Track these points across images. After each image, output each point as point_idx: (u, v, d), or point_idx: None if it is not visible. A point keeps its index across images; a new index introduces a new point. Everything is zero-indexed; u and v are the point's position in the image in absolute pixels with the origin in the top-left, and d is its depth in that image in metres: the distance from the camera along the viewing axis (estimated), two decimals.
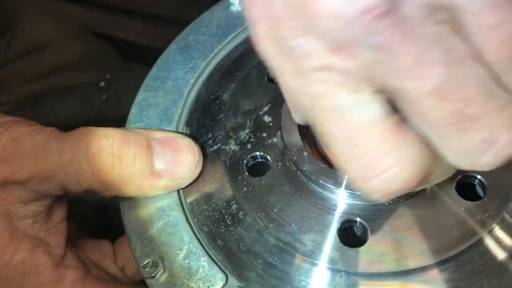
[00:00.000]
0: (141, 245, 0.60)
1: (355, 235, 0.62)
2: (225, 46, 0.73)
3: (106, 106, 1.12)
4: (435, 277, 0.57)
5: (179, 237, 0.60)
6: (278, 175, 0.62)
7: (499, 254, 0.58)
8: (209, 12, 0.75)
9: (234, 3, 0.75)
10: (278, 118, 0.65)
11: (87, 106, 1.13)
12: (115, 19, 1.45)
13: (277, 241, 0.59)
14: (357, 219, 0.59)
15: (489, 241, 0.58)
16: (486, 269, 0.57)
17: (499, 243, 0.58)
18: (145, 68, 0.74)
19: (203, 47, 0.73)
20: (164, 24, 1.37)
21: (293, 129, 0.63)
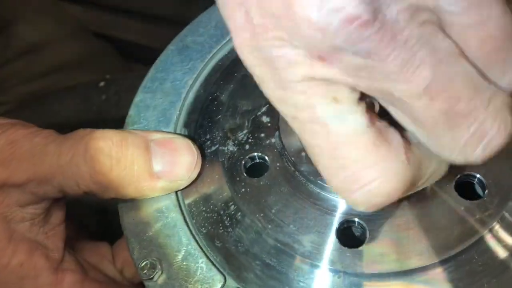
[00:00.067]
0: (139, 247, 0.60)
1: (354, 235, 0.61)
2: (223, 47, 0.73)
3: (105, 106, 1.12)
4: (435, 277, 0.57)
5: (177, 239, 0.60)
6: (276, 175, 0.62)
7: (499, 253, 0.58)
8: (207, 13, 0.75)
9: None
10: (276, 118, 0.65)
11: (87, 106, 1.13)
12: (115, 19, 1.46)
13: (276, 242, 0.59)
14: (356, 219, 0.59)
15: (489, 240, 0.58)
16: (486, 269, 0.57)
17: (499, 242, 0.58)
18: (145, 68, 0.74)
19: (201, 48, 0.73)
20: (164, 24, 1.37)
21: (291, 129, 0.62)
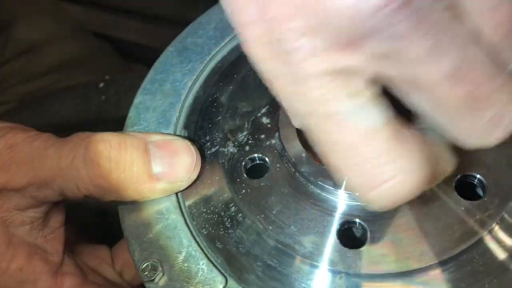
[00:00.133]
0: (140, 249, 0.60)
1: (355, 236, 0.61)
2: (223, 48, 0.73)
3: (105, 106, 1.12)
4: (436, 278, 0.57)
5: (178, 240, 0.60)
6: (276, 177, 0.62)
7: (500, 253, 0.58)
8: (206, 14, 0.75)
9: None
10: (276, 119, 0.65)
11: (87, 106, 1.13)
12: (115, 19, 1.46)
13: (277, 243, 0.59)
14: (357, 220, 0.59)
15: (489, 240, 0.58)
16: (486, 269, 0.57)
17: (500, 242, 0.58)
18: (145, 68, 0.74)
19: (200, 50, 0.73)
20: (164, 24, 1.37)
21: (291, 130, 0.62)
